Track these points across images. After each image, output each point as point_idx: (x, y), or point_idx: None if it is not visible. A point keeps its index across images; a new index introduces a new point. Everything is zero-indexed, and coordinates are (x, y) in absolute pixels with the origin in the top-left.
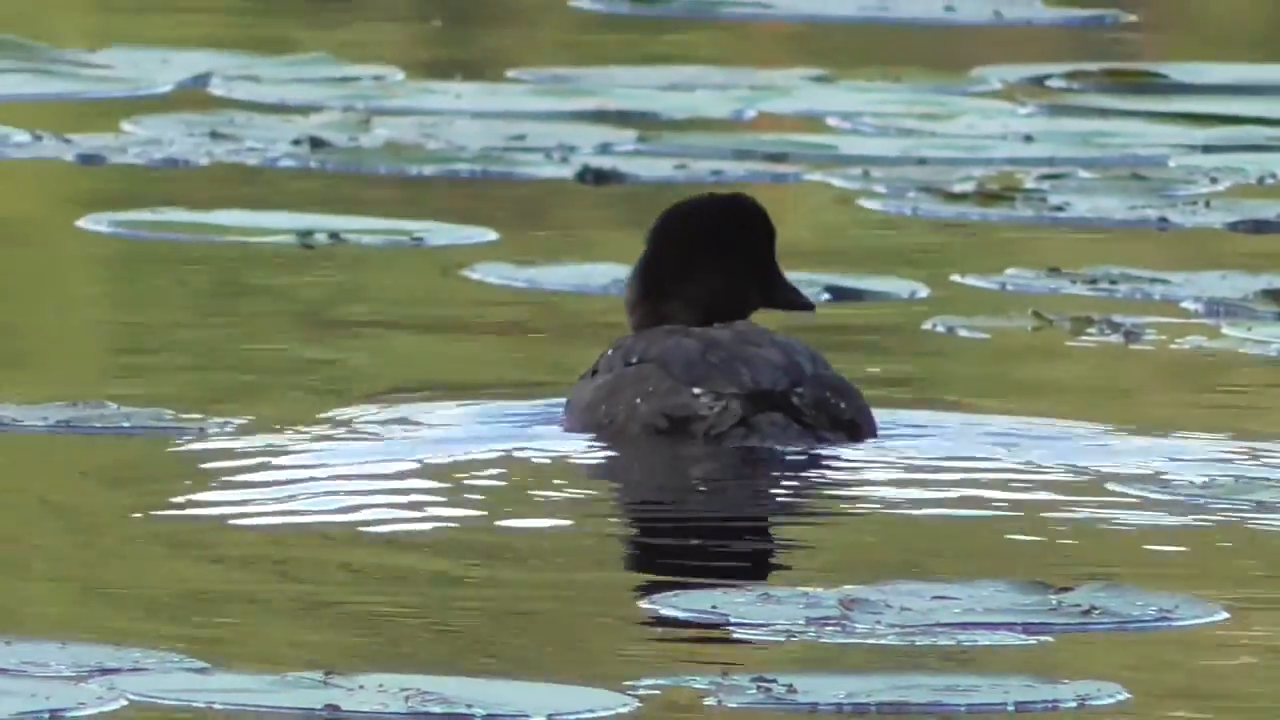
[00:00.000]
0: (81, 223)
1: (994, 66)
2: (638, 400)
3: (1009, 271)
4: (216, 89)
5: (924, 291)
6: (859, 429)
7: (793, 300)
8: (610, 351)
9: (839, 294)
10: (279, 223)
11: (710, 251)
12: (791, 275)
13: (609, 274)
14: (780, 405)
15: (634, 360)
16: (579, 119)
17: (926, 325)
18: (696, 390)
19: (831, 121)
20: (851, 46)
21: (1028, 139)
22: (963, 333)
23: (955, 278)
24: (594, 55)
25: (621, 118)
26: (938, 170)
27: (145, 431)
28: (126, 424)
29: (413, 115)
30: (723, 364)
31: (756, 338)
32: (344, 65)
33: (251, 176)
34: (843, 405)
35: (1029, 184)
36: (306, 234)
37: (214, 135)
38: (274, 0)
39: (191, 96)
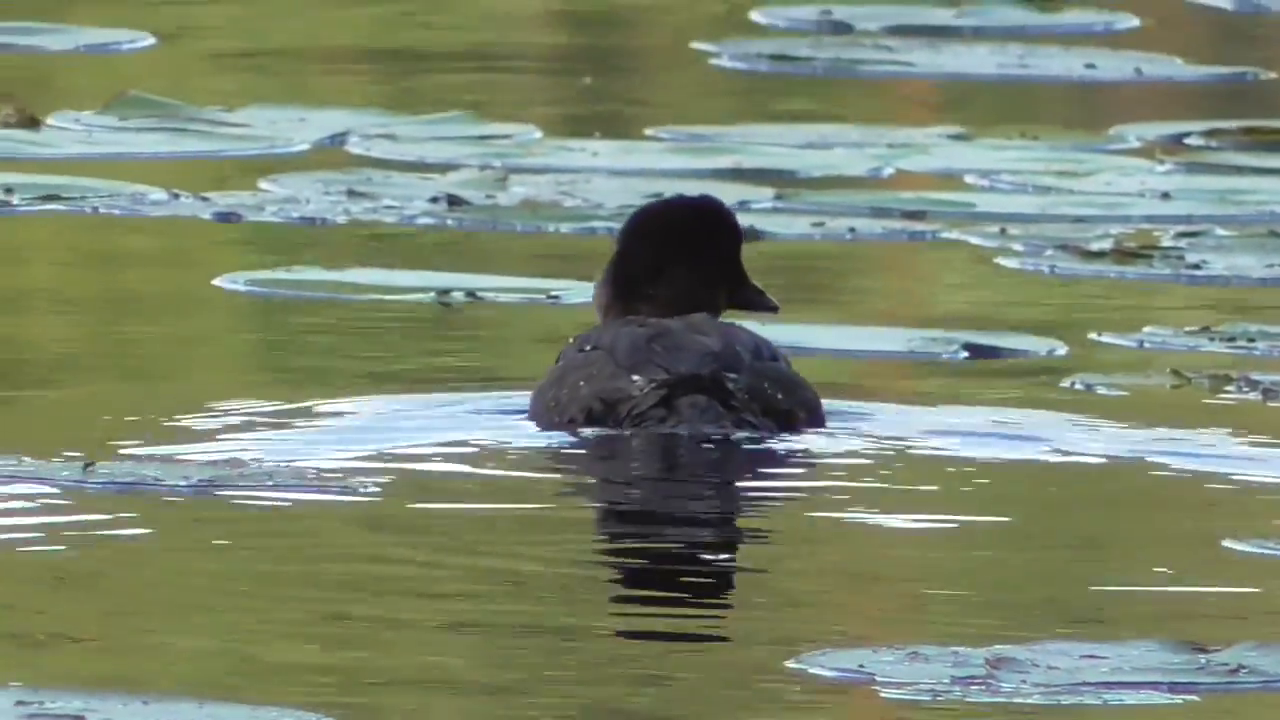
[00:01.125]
0: (219, 281)
1: (1133, 124)
2: (581, 384)
3: (1147, 329)
4: (354, 147)
5: (1062, 350)
6: (794, 418)
7: (757, 301)
8: (571, 341)
9: (977, 352)
10: (416, 281)
11: (681, 253)
12: (928, 333)
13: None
14: (706, 389)
15: (587, 348)
16: (717, 177)
17: (1065, 384)
18: (635, 376)
19: (969, 179)
20: (990, 104)
21: (1165, 196)
22: (1101, 390)
23: (1093, 336)
24: (732, 113)
25: (759, 175)
26: (1075, 228)
27: (289, 489)
28: (270, 483)
29: (550, 173)
30: (664, 351)
31: (705, 327)
32: (481, 123)
33: (388, 234)
34: (779, 396)
35: (1166, 242)
36: (444, 292)
37: (351, 193)
38: (412, 58)
39: (329, 155)
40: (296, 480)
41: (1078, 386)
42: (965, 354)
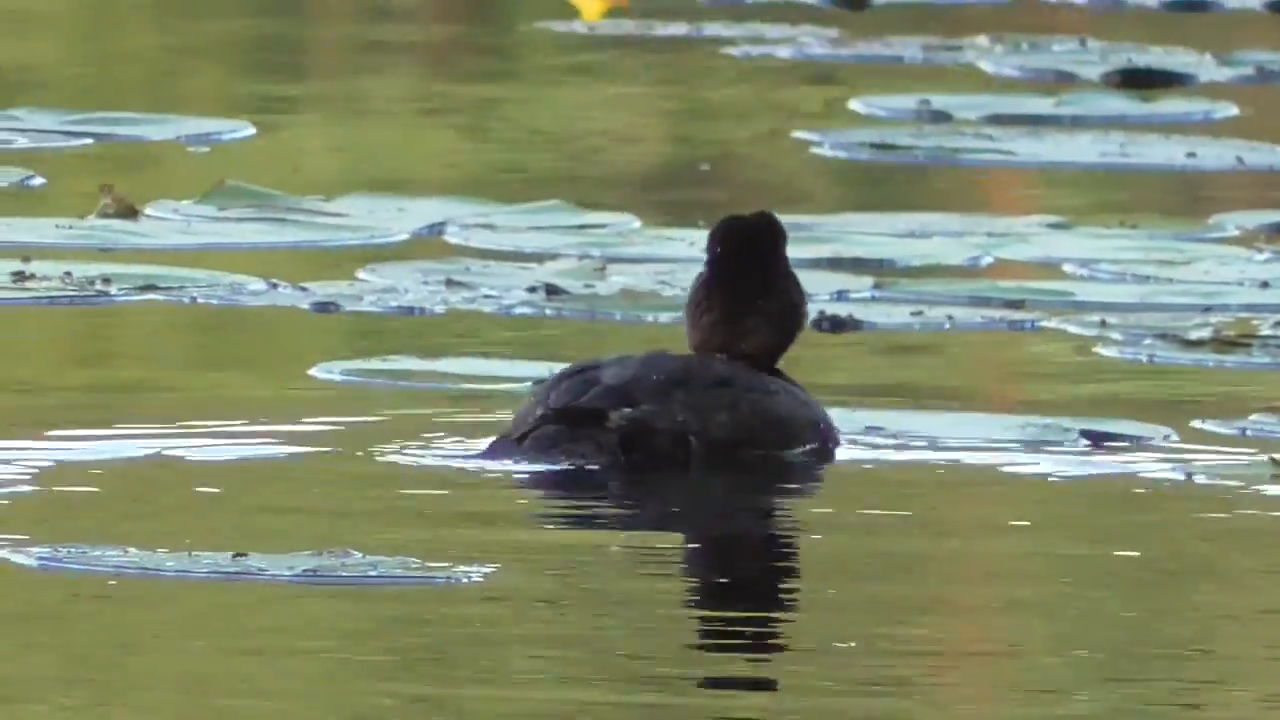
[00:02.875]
0: (314, 371)
1: (1233, 213)
2: (522, 410)
3: (1252, 418)
4: (452, 237)
5: (1174, 436)
6: (686, 454)
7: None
8: None
9: (1096, 439)
10: (514, 370)
11: (784, 267)
12: (1040, 419)
13: (858, 420)
14: (570, 419)
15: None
16: (815, 266)
17: (1167, 473)
18: (538, 409)
19: (1068, 268)
20: (1090, 193)
21: (1264, 285)
22: (1201, 479)
23: (1196, 423)
24: (832, 202)
25: (858, 265)
26: (1174, 317)
27: (392, 581)
28: (373, 573)
29: (648, 263)
30: (567, 383)
31: (660, 362)
32: (580, 212)
33: (487, 324)
34: (692, 430)
35: (1265, 330)
36: (541, 382)
37: (449, 283)
38: (511, 146)
39: (427, 244)
40: (401, 570)
41: (1178, 475)
42: (1086, 442)
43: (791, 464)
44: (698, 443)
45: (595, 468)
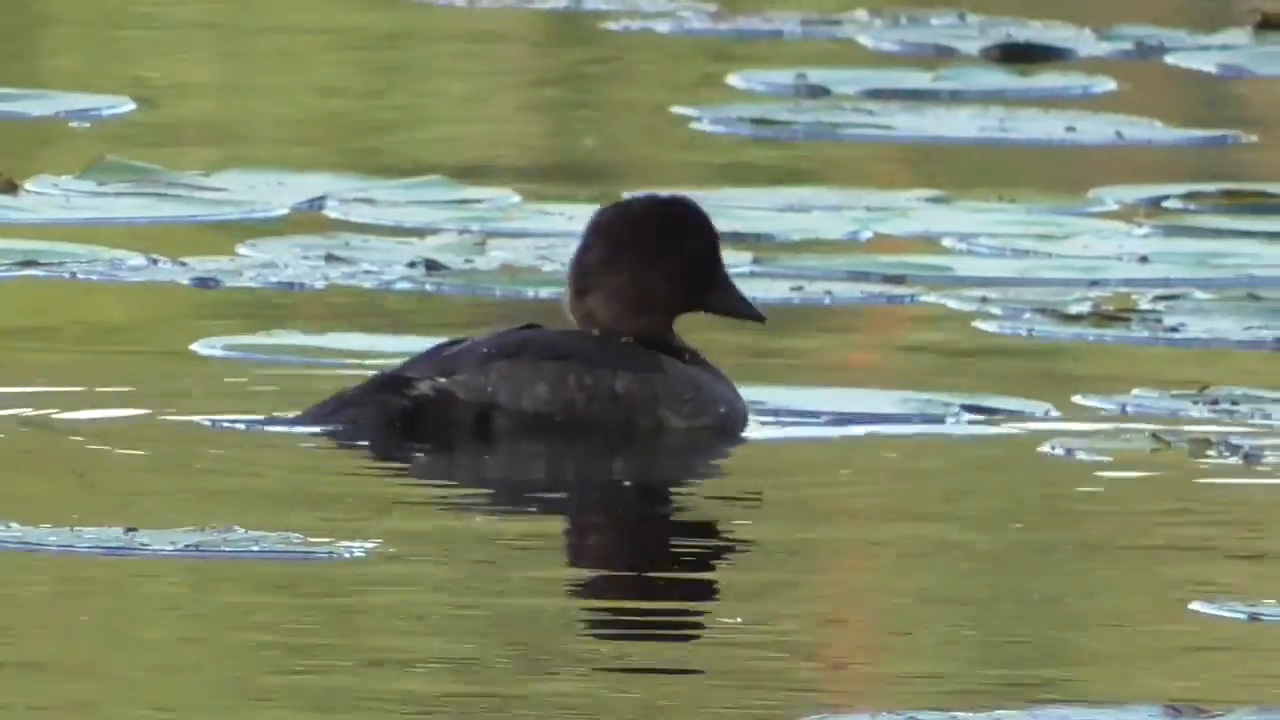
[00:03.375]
0: (196, 346)
1: (1112, 187)
2: None
3: (1133, 393)
4: (332, 211)
5: (1055, 412)
6: (489, 423)
7: (736, 308)
8: None
9: (979, 413)
10: (395, 346)
11: (634, 247)
12: (922, 395)
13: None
14: (382, 386)
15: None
16: None
17: (1045, 448)
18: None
19: (947, 243)
20: (969, 168)
21: (1144, 260)
22: (1081, 455)
23: (1077, 399)
24: (710, 176)
25: (737, 239)
26: (1054, 291)
27: (275, 557)
28: (255, 548)
29: (528, 237)
30: (437, 348)
31: (508, 337)
32: (460, 187)
33: (367, 300)
34: (498, 402)
35: (1145, 305)
36: None
37: (329, 258)
38: (390, 124)
39: (307, 219)
40: (282, 545)
41: (1058, 450)
42: (968, 417)
43: (661, 440)
44: (504, 417)
45: (367, 439)
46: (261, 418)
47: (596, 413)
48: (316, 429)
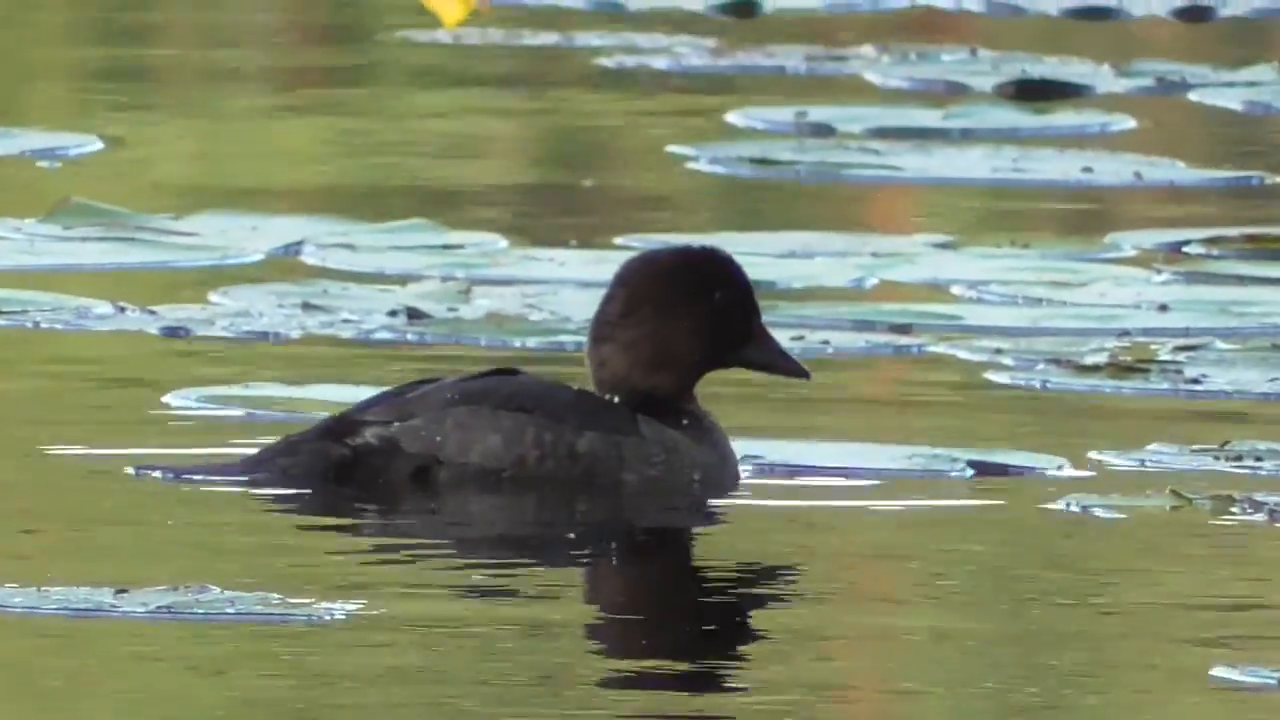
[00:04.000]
0: (168, 398)
1: (1130, 232)
2: None
3: (1150, 448)
4: (309, 257)
5: (1069, 467)
6: (430, 474)
7: (774, 363)
8: None
9: (985, 469)
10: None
11: (658, 302)
12: (928, 450)
13: (735, 449)
14: (325, 433)
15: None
16: None
17: (1060, 505)
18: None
19: (956, 290)
20: (980, 211)
21: (1163, 308)
22: (1098, 513)
23: (1093, 454)
24: (708, 219)
25: None
26: (1068, 341)
27: (251, 618)
28: (230, 610)
29: (516, 284)
30: (402, 388)
31: (475, 383)
32: (444, 231)
33: (346, 350)
34: (443, 455)
35: (1164, 356)
36: None
37: (306, 306)
38: (372, 167)
39: (283, 265)
40: (260, 607)
41: (1073, 509)
42: (972, 472)
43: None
44: (448, 470)
45: (305, 488)
46: (194, 467)
47: (550, 470)
48: (246, 478)
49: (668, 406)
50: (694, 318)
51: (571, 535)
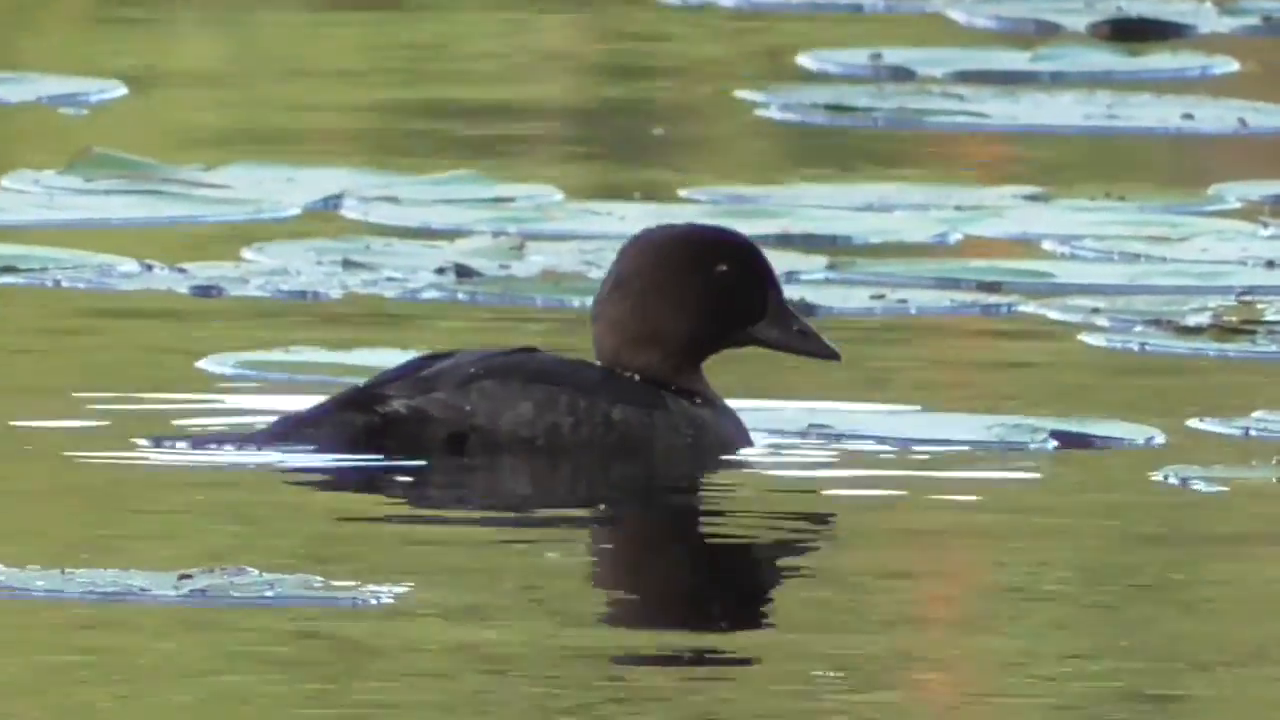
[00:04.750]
0: (203, 364)
1: (1234, 182)
2: None
3: (1255, 415)
4: (350, 211)
5: (1160, 438)
6: (463, 441)
7: (796, 344)
8: None
9: (1067, 440)
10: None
11: (645, 279)
12: (1010, 419)
13: (802, 419)
14: (353, 404)
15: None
16: (762, 244)
17: (1158, 476)
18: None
19: (1047, 246)
20: (1072, 160)
21: (1270, 264)
22: (1199, 486)
23: (1193, 423)
24: (778, 170)
25: (810, 242)
26: (1168, 300)
27: (292, 601)
28: (270, 593)
29: (573, 240)
30: (413, 363)
31: (497, 359)
32: (495, 183)
33: (390, 311)
34: (475, 423)
35: (1271, 315)
36: None
37: (347, 264)
38: (417, 109)
39: (322, 220)
40: (302, 590)
41: (1171, 480)
42: (1054, 444)
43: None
44: (480, 437)
45: (323, 459)
46: (209, 437)
47: (585, 438)
48: (273, 451)
49: (670, 386)
50: (685, 293)
51: (616, 508)
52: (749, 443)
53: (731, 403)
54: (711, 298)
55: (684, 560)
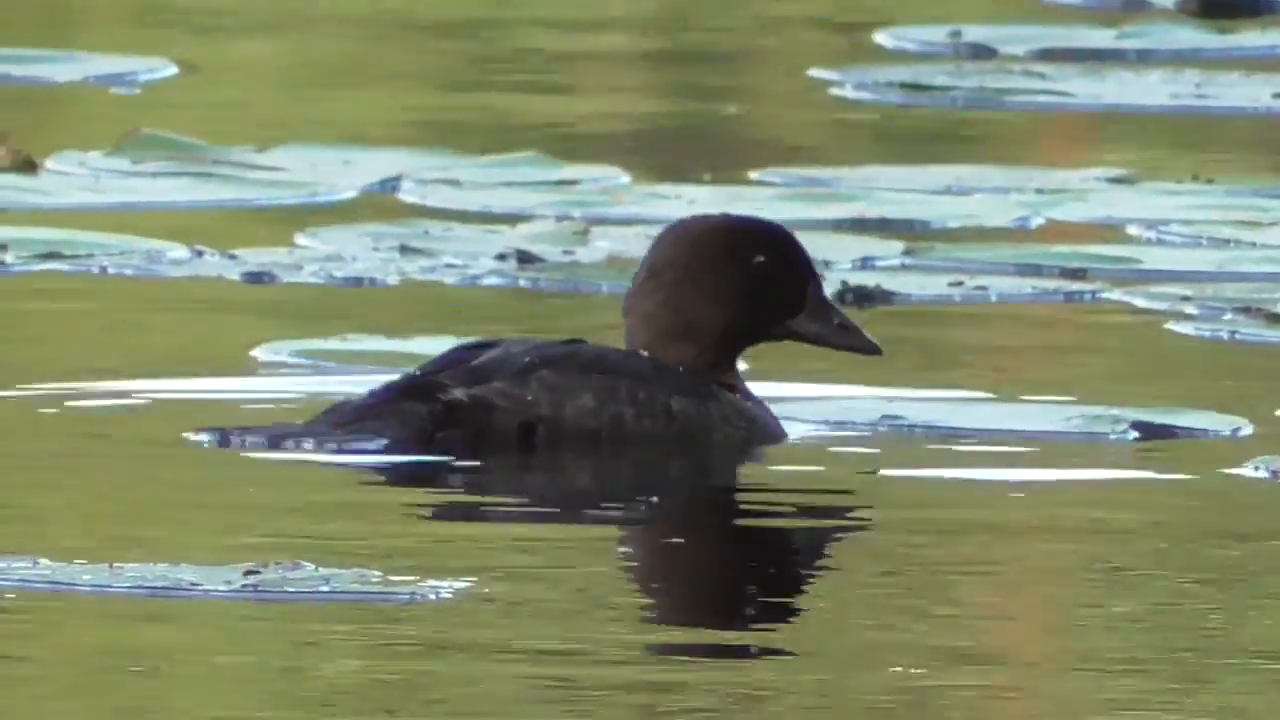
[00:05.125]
0: (255, 354)
1: None
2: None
3: None
4: (408, 194)
5: (1248, 429)
6: (531, 434)
7: (833, 337)
8: None
9: (1149, 432)
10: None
11: (678, 271)
12: (1091, 410)
13: (874, 409)
14: (411, 394)
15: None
16: (836, 228)
17: (1247, 470)
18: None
19: (1132, 230)
20: (1159, 142)
21: None
22: None
23: None
24: (853, 152)
25: (885, 227)
26: (1258, 288)
27: (347, 597)
28: (325, 588)
29: (639, 225)
30: (459, 353)
31: (551, 349)
32: (559, 165)
33: (449, 298)
34: (540, 413)
35: None
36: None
37: (405, 250)
38: (477, 88)
39: (379, 203)
40: (358, 584)
41: (1262, 473)
42: (1135, 435)
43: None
44: (546, 427)
45: (387, 449)
46: (266, 429)
47: (647, 429)
48: (336, 443)
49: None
50: (720, 285)
51: (680, 502)
52: (787, 437)
53: (802, 391)
54: (748, 289)
55: (752, 555)
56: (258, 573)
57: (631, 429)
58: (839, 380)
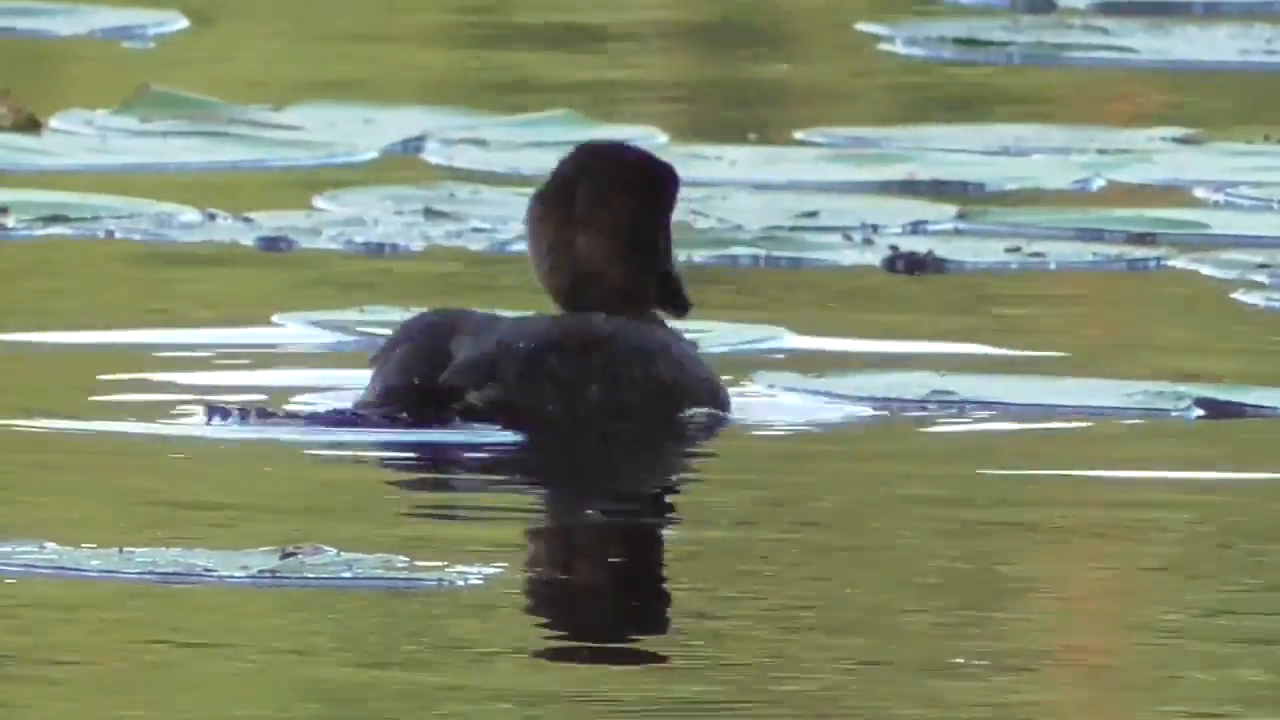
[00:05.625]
0: (270, 323)
1: None
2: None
3: None
4: (432, 155)
5: None
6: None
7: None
8: None
9: (1214, 409)
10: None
11: (584, 210)
12: (1154, 385)
13: (924, 383)
14: (424, 400)
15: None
16: (886, 191)
17: None
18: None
19: (1199, 193)
20: (1227, 100)
21: None
22: None
23: None
24: (904, 110)
25: (938, 189)
26: None
27: (372, 583)
28: (347, 574)
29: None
30: (423, 343)
31: (529, 326)
32: (591, 124)
33: (476, 265)
34: (551, 405)
35: None
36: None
37: (429, 213)
38: (505, 42)
39: (401, 165)
40: (382, 570)
41: None
42: (1200, 412)
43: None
44: (564, 420)
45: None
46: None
47: (654, 409)
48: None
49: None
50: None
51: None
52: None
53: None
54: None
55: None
56: (293, 555)
57: (635, 412)
58: (887, 353)
